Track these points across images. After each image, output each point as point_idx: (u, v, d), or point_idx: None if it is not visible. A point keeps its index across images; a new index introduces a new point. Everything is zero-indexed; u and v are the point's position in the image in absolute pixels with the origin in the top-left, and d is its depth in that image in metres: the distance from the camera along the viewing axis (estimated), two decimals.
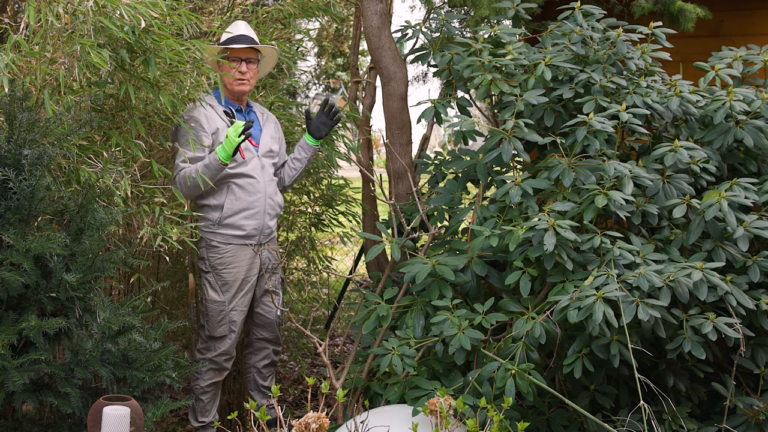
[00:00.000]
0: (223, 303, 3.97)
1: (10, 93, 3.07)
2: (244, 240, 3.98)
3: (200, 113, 3.94)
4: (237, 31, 4.04)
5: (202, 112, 3.95)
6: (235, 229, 3.96)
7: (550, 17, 4.55)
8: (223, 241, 3.97)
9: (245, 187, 3.96)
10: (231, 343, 4.01)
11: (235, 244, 3.97)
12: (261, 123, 4.16)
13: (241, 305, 4.01)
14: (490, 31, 3.98)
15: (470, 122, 3.77)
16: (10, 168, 3.00)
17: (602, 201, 3.36)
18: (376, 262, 4.53)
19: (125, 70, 3.54)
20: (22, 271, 2.91)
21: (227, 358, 4.02)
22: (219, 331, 3.98)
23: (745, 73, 4.07)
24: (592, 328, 3.14)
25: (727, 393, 3.46)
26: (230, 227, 3.96)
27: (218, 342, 3.99)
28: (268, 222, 4.04)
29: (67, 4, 3.36)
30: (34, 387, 3.00)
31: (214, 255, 3.97)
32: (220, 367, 4.03)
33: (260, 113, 4.19)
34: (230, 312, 3.98)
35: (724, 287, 3.23)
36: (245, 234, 3.97)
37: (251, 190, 3.98)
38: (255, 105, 4.22)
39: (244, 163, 3.96)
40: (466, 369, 3.60)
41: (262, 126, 4.15)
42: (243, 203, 3.95)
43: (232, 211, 3.95)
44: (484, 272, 3.60)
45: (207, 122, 3.95)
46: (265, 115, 4.21)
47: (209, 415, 4.06)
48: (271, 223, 4.06)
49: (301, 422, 2.73)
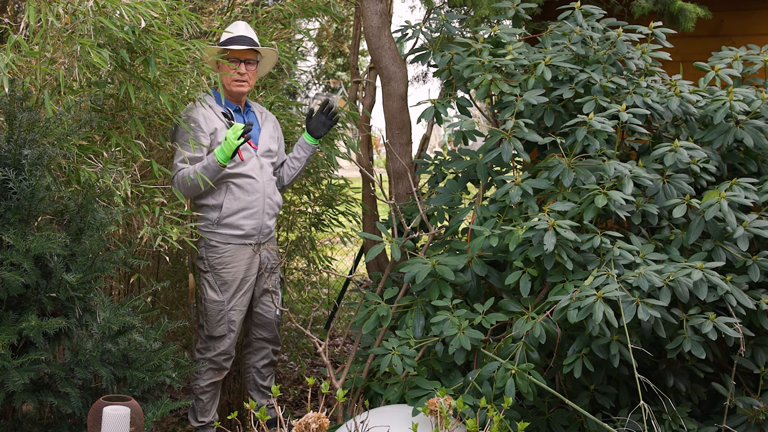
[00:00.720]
0: (222, 303, 3.97)
1: (10, 93, 3.07)
2: (242, 240, 3.98)
3: (198, 113, 3.94)
4: (237, 31, 4.04)
5: (201, 112, 3.95)
6: (234, 228, 3.96)
7: (550, 17, 4.55)
8: (222, 240, 3.97)
9: (244, 187, 3.96)
10: (230, 342, 4.01)
11: (233, 243, 3.97)
12: (260, 123, 4.16)
13: (240, 305, 4.01)
14: (490, 31, 3.98)
15: (470, 122, 3.77)
16: (10, 168, 3.00)
17: (602, 201, 3.36)
18: (376, 262, 4.53)
19: (125, 70, 3.54)
20: (22, 271, 2.91)
21: (226, 358, 4.02)
22: (218, 330, 3.98)
23: (745, 73, 4.07)
24: (592, 328, 3.14)
25: (727, 393, 3.46)
26: (229, 227, 3.96)
27: (217, 342, 3.99)
28: (267, 222, 4.03)
29: (67, 4, 3.36)
30: (34, 387, 3.00)
31: (213, 255, 3.97)
32: (219, 367, 4.03)
33: (259, 113, 4.19)
34: (229, 312, 3.98)
35: (724, 287, 3.23)
36: (244, 234, 3.97)
37: (250, 190, 3.98)
38: (254, 105, 4.22)
39: (242, 163, 3.96)
40: (466, 369, 3.60)
41: (261, 126, 4.15)
42: (242, 203, 3.95)
43: (231, 211, 3.95)
44: (484, 272, 3.60)
45: (205, 122, 3.94)
46: (264, 114, 4.21)
47: (209, 415, 4.06)
48: (270, 223, 4.06)
49: (301, 422, 2.73)
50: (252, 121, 4.08)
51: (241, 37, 4.02)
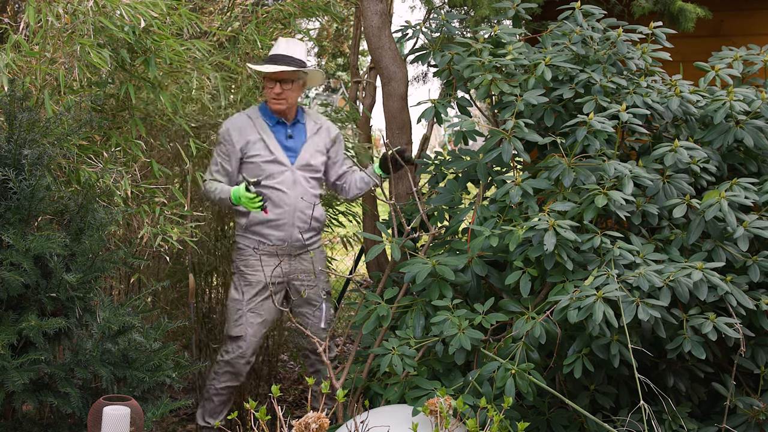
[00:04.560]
0: (241, 302, 4.03)
1: (10, 93, 3.07)
2: (268, 248, 4.03)
3: (235, 123, 4.03)
4: (276, 50, 4.07)
5: (238, 122, 4.03)
6: (260, 236, 4.04)
7: (550, 17, 4.55)
8: (249, 245, 4.04)
9: (273, 200, 4.00)
10: (247, 345, 4.02)
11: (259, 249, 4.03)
12: (307, 135, 4.14)
13: (259, 308, 4.04)
14: (490, 31, 3.98)
15: (470, 122, 3.77)
16: (10, 168, 3.00)
17: (602, 201, 3.36)
18: (376, 262, 4.53)
19: (125, 70, 3.55)
20: (22, 271, 2.91)
21: (244, 363, 4.04)
22: (235, 330, 4.02)
23: (745, 73, 4.07)
24: (592, 328, 3.14)
25: (727, 393, 3.46)
26: (255, 234, 4.04)
27: (235, 342, 4.02)
28: (298, 235, 4.04)
29: (67, 4, 3.37)
30: (34, 387, 3.00)
31: (240, 257, 4.07)
32: (236, 372, 4.04)
33: (313, 125, 4.17)
34: (247, 312, 4.02)
35: (724, 287, 3.23)
36: (270, 243, 4.03)
37: (279, 203, 4.01)
38: (310, 117, 4.20)
39: (273, 176, 4.01)
40: (466, 369, 3.60)
41: (308, 138, 4.13)
42: (269, 214, 3.99)
43: (257, 220, 4.01)
44: (484, 272, 3.60)
45: (239, 133, 4.01)
46: (318, 127, 4.18)
47: (217, 418, 4.08)
48: (303, 236, 4.07)
49: (301, 422, 2.73)
50: (297, 134, 4.10)
51: (276, 56, 4.03)
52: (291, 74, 4.02)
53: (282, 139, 4.08)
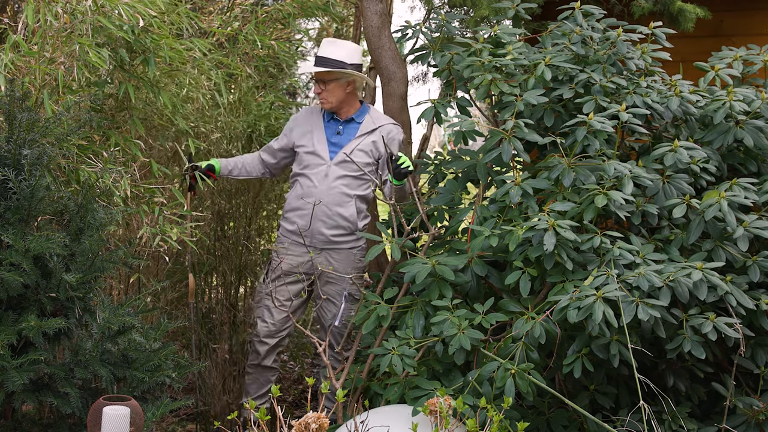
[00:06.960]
0: (261, 284, 4.20)
1: (10, 93, 3.07)
2: (293, 235, 4.14)
3: (299, 114, 4.29)
4: (319, 51, 4.15)
5: (302, 114, 4.28)
6: (288, 223, 4.17)
7: (550, 17, 4.55)
8: (282, 231, 4.22)
9: (303, 188, 4.13)
10: (263, 327, 4.14)
11: (287, 238, 4.16)
12: (356, 134, 4.14)
13: (276, 293, 4.12)
14: (490, 31, 3.98)
15: (470, 122, 3.77)
16: (10, 168, 2.99)
17: (602, 201, 3.35)
18: (376, 262, 4.53)
19: (125, 69, 3.54)
20: (21, 271, 2.91)
21: (259, 342, 4.16)
22: (257, 312, 4.21)
23: (745, 73, 4.06)
24: (592, 328, 3.14)
25: (727, 393, 3.46)
26: (286, 221, 4.20)
27: (257, 323, 4.18)
28: (322, 229, 4.08)
29: (65, 4, 3.36)
30: (34, 387, 3.00)
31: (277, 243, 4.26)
32: (254, 350, 4.18)
33: (371, 124, 4.16)
34: (265, 295, 4.14)
35: (724, 287, 3.23)
36: (294, 230, 4.13)
37: (306, 192, 4.11)
38: (369, 118, 4.18)
39: (310, 167, 4.12)
40: (466, 369, 3.60)
41: (356, 137, 4.14)
42: (298, 202, 4.12)
43: (290, 207, 4.18)
44: (484, 272, 3.60)
45: (296, 122, 4.23)
46: (374, 127, 4.15)
47: (247, 396, 4.18)
48: (329, 233, 4.08)
49: (300, 422, 2.73)
50: (347, 132, 4.15)
51: (316, 57, 4.14)
52: (326, 74, 4.10)
53: (330, 134, 4.18)
